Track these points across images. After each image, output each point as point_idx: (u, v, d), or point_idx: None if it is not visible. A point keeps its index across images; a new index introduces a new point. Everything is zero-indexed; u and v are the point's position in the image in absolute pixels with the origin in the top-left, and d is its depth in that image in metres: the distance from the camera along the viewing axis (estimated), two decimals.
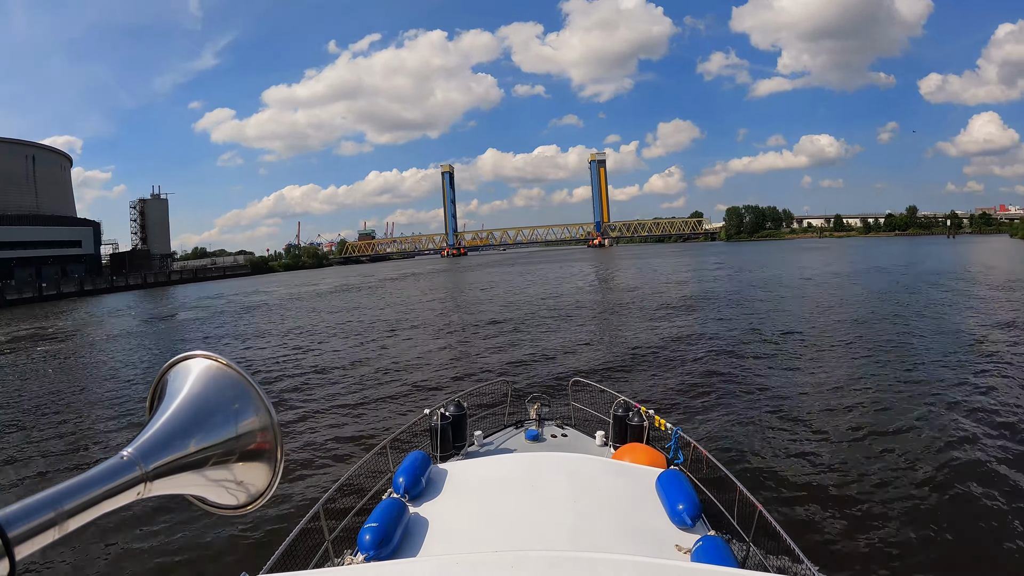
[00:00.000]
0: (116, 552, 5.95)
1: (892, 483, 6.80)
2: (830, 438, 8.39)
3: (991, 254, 52.75)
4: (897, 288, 27.61)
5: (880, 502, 6.34)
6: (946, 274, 33.44)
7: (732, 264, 53.07)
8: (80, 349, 23.33)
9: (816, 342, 15.75)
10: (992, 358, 12.80)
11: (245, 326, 27.47)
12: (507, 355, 15.85)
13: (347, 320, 26.48)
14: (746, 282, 34.62)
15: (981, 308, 20.51)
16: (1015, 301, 21.54)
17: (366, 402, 11.67)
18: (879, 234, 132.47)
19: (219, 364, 0.75)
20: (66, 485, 0.56)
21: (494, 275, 56.58)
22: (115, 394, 13.97)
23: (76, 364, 19.79)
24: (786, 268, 44.74)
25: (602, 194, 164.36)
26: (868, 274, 36.07)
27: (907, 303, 22.42)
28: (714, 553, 2.76)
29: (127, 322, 33.93)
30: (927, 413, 9.32)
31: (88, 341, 25.86)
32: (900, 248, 70.93)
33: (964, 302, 22.18)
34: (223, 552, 5.85)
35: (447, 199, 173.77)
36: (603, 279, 44.73)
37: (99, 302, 54.89)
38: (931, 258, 49.22)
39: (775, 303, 24.56)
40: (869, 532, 5.74)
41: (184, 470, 0.68)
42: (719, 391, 11.28)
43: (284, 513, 6.35)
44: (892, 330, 16.85)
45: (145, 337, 26.95)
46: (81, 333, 29.27)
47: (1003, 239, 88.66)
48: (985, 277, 31.61)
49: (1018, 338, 14.78)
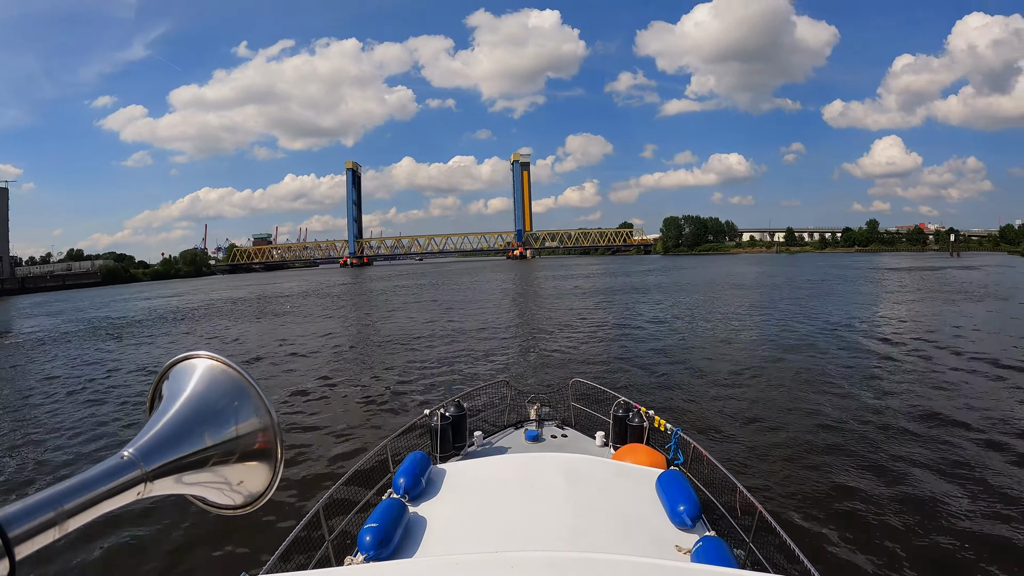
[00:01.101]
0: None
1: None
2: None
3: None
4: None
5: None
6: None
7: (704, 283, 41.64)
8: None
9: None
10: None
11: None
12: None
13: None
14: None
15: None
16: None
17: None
18: (836, 249, 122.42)
19: (220, 364, 0.75)
20: (66, 485, 0.56)
21: (372, 297, 40.92)
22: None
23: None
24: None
25: (524, 199, 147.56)
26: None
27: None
28: (714, 553, 2.75)
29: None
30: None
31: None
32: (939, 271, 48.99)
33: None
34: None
35: (349, 200, 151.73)
36: (523, 315, 26.82)
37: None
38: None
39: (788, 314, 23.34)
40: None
41: (184, 470, 0.68)
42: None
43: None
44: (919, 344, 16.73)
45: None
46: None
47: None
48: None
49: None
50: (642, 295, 34.16)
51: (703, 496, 3.96)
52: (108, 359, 18.89)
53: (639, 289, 38.83)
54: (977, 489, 6.56)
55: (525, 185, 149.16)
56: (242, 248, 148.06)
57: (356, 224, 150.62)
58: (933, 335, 16.69)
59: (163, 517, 6.48)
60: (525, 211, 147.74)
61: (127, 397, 13.08)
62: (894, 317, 21.58)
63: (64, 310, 43.36)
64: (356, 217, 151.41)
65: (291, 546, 3.36)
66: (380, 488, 4.44)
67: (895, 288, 34.58)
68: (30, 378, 16.48)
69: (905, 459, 7.53)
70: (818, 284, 38.21)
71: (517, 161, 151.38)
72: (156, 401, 0.74)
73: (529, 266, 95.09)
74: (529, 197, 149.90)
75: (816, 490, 6.73)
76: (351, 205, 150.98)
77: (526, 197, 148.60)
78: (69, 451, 9.41)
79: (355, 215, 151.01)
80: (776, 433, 8.76)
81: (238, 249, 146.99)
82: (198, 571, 5.63)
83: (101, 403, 12.66)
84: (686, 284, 42.18)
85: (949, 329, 17.81)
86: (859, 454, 7.76)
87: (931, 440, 8.19)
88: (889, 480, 6.92)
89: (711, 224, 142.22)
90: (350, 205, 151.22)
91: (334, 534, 3.81)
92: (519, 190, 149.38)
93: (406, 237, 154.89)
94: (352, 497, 4.49)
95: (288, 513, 6.32)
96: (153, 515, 6.52)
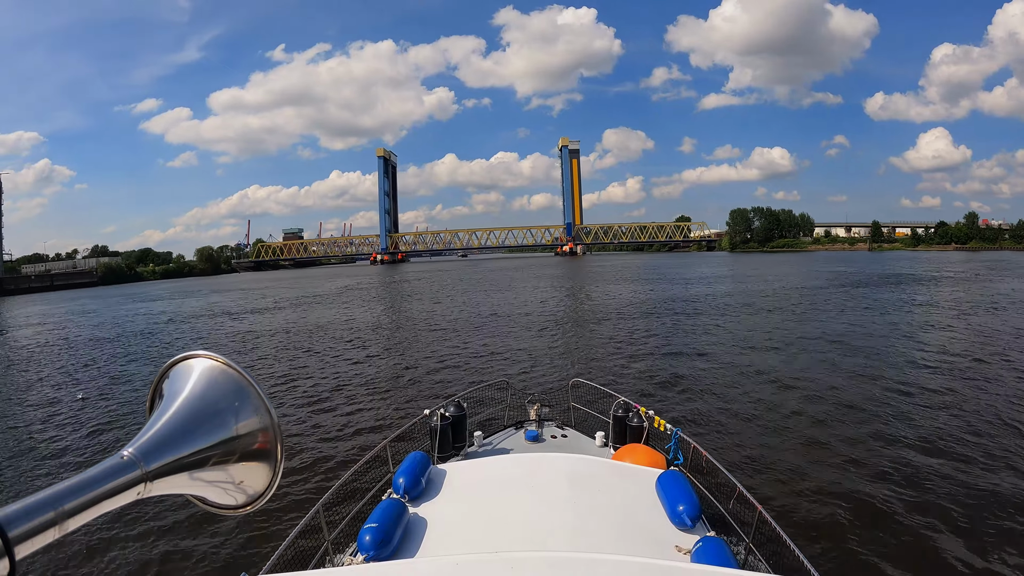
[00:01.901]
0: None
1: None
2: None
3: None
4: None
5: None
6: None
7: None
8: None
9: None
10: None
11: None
12: None
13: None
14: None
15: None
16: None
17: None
18: (931, 247, 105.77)
19: (220, 364, 0.75)
20: (66, 485, 0.56)
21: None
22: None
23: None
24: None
25: (574, 190, 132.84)
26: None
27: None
28: (714, 554, 2.75)
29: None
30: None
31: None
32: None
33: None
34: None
35: (381, 191, 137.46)
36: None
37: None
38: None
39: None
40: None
41: (184, 470, 0.68)
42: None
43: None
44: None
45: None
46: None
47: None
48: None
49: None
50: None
51: (703, 496, 3.96)
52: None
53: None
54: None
55: (575, 174, 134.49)
56: (269, 244, 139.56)
57: (389, 217, 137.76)
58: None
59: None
60: (575, 203, 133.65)
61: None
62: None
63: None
64: (389, 209, 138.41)
65: (291, 546, 3.37)
66: (380, 488, 4.44)
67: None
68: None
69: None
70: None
71: (566, 147, 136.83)
72: (156, 401, 0.74)
73: (585, 266, 77.86)
74: (579, 188, 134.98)
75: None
76: (383, 196, 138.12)
77: (576, 187, 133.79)
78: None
79: (388, 207, 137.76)
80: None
81: (264, 245, 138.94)
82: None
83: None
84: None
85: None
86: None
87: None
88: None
89: (783, 217, 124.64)
90: (382, 196, 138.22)
91: (334, 534, 3.81)
92: (568, 179, 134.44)
93: (445, 231, 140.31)
94: (352, 497, 4.49)
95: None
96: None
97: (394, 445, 4.96)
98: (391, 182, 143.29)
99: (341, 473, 5.15)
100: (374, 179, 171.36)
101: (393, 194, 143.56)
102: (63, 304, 51.85)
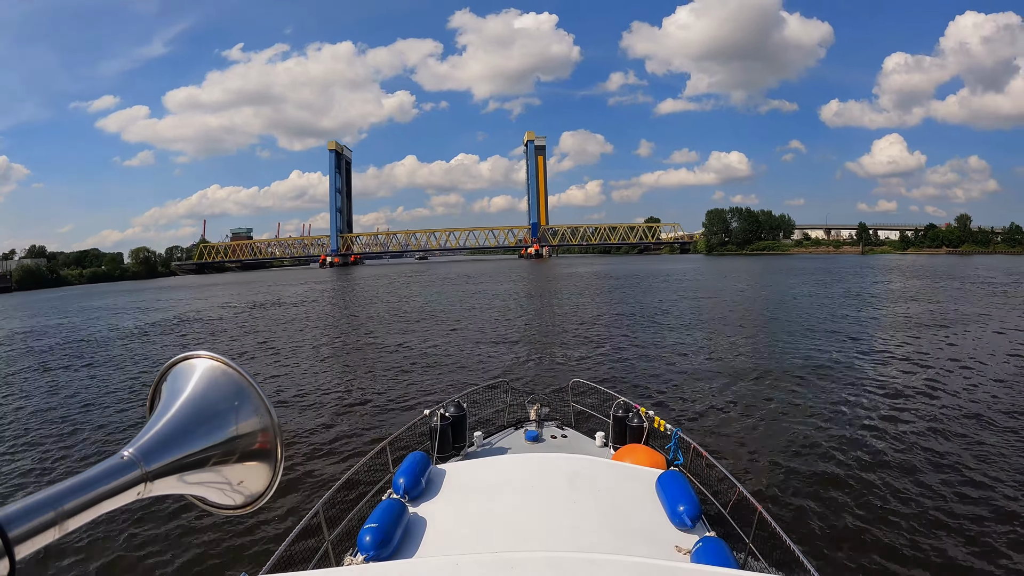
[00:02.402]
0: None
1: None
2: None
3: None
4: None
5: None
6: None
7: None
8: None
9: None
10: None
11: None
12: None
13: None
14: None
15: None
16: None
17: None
18: (922, 251, 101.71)
19: (220, 364, 0.75)
20: (66, 485, 0.56)
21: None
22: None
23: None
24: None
25: (540, 189, 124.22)
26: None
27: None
28: (714, 554, 2.76)
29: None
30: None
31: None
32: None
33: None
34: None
35: (332, 187, 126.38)
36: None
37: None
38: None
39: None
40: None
41: (184, 470, 0.68)
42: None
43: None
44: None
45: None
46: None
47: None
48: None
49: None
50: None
51: (703, 496, 3.96)
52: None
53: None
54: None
55: (540, 172, 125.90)
56: (213, 244, 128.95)
57: (342, 216, 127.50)
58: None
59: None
60: (540, 202, 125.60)
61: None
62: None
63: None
64: (342, 208, 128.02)
65: (291, 546, 3.37)
66: (380, 488, 4.44)
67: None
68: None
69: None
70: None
71: (531, 142, 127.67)
72: (156, 401, 0.74)
73: (552, 270, 70.37)
74: (545, 186, 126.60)
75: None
76: (334, 194, 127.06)
77: (541, 186, 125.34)
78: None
79: (340, 205, 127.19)
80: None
81: (208, 245, 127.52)
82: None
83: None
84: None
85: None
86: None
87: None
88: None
89: (763, 219, 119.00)
90: (333, 193, 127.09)
91: (334, 534, 3.81)
92: (533, 176, 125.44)
93: (401, 232, 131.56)
94: (352, 497, 4.49)
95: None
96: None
97: (394, 445, 4.96)
98: (344, 179, 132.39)
99: (341, 473, 5.15)
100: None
101: (347, 192, 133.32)
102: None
